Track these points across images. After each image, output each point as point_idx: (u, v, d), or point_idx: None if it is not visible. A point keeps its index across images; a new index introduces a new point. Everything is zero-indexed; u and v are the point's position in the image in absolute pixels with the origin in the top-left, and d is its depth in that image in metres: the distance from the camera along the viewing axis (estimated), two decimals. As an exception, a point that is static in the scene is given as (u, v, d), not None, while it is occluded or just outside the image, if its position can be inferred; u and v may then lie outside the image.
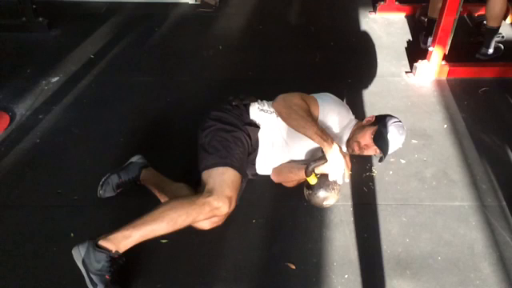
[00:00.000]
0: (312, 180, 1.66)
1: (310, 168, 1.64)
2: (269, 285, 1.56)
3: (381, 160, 1.76)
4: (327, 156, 1.60)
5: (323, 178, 1.67)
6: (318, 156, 1.67)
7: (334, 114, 1.79)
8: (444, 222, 1.77)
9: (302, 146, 1.80)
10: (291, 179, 1.82)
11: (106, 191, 1.80)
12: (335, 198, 1.70)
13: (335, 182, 1.65)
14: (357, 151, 1.77)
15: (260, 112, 1.80)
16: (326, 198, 1.67)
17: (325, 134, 1.62)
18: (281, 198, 1.86)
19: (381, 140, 1.71)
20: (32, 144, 2.11)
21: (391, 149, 1.75)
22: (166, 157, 2.03)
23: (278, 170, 1.85)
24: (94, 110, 2.35)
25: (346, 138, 1.81)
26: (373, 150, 1.75)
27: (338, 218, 1.78)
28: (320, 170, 1.67)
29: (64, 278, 1.55)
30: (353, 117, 1.89)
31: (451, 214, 1.81)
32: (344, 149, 1.79)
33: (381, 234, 1.72)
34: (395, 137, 1.73)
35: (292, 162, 1.84)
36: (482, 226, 1.75)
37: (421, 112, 2.37)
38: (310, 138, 1.63)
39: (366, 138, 1.73)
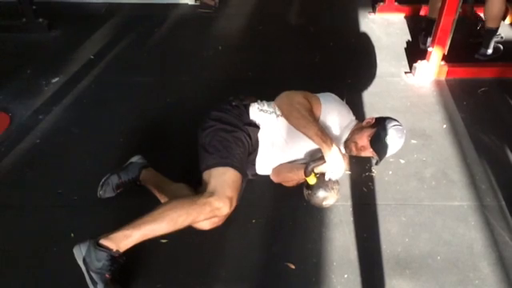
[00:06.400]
0: (311, 180, 1.67)
1: (309, 168, 1.64)
2: (269, 285, 1.56)
3: (377, 163, 1.76)
4: (326, 157, 1.60)
5: (322, 178, 1.67)
6: (317, 156, 1.68)
7: (335, 114, 1.79)
8: (443, 222, 1.77)
9: (302, 147, 1.80)
10: (291, 179, 1.82)
11: (105, 192, 1.80)
12: (335, 198, 1.70)
13: (335, 182, 1.66)
14: (354, 152, 1.78)
15: (260, 112, 1.80)
16: (326, 197, 1.68)
17: (325, 135, 1.62)
18: (280, 198, 1.87)
19: (377, 143, 1.71)
20: (32, 144, 2.11)
21: (389, 152, 1.75)
22: (165, 157, 2.04)
23: (278, 169, 1.85)
24: (93, 111, 2.35)
25: (345, 138, 1.82)
26: (370, 152, 1.75)
27: (337, 218, 1.78)
28: (319, 170, 1.67)
29: (64, 278, 1.55)
30: (353, 117, 1.90)
31: (450, 213, 1.81)
32: (342, 149, 1.80)
33: (380, 233, 1.72)
34: (394, 140, 1.73)
35: (292, 162, 1.84)
36: (481, 226, 1.76)
37: (420, 112, 2.37)
38: (309, 137, 1.63)
39: (364, 139, 1.73)
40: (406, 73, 2.68)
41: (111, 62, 2.75)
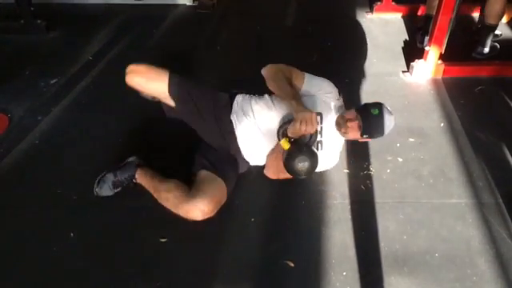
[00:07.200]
0: (285, 145, 1.66)
1: (281, 131, 1.68)
2: (268, 283, 1.57)
3: (362, 134, 1.74)
4: (294, 114, 1.64)
5: (297, 142, 1.67)
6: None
7: (318, 83, 1.89)
8: (441, 219, 1.78)
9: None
10: (277, 165, 1.79)
11: (102, 189, 1.81)
12: (310, 162, 1.63)
13: (309, 146, 1.66)
14: (342, 128, 1.78)
15: (250, 98, 1.90)
16: (300, 160, 1.61)
17: (297, 96, 1.72)
18: (279, 197, 1.88)
19: (364, 111, 1.75)
20: (31, 145, 2.12)
21: (378, 128, 1.75)
22: (164, 157, 2.04)
23: (266, 162, 1.87)
24: (92, 111, 2.36)
25: (332, 115, 1.85)
26: (356, 126, 1.73)
27: (336, 216, 1.79)
28: (291, 131, 1.67)
29: (64, 278, 1.56)
30: (341, 100, 1.94)
31: (448, 211, 1.82)
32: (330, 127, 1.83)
33: (378, 231, 1.73)
34: (382, 115, 1.75)
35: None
36: (478, 223, 1.77)
37: (418, 111, 2.38)
38: (283, 99, 1.72)
39: (352, 112, 1.78)
40: (403, 72, 2.70)
41: (110, 62, 2.76)
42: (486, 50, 2.75)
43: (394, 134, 2.18)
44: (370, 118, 1.73)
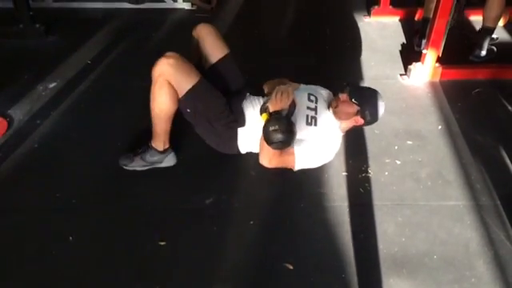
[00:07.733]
0: (265, 117, 1.78)
1: (263, 107, 1.83)
2: (267, 285, 1.57)
3: (351, 98, 1.85)
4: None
5: (275, 115, 1.76)
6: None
7: (314, 86, 2.15)
8: (439, 222, 1.79)
9: None
10: (267, 148, 1.82)
11: (122, 159, 1.97)
12: (284, 128, 1.70)
13: (285, 118, 1.75)
14: (337, 103, 1.92)
15: (256, 97, 2.04)
16: (275, 129, 1.69)
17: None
18: (278, 199, 1.88)
19: (353, 85, 1.93)
20: (30, 149, 2.12)
21: (363, 95, 1.89)
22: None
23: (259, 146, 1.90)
24: (91, 115, 2.36)
25: (323, 101, 2.03)
26: (347, 99, 1.86)
27: (334, 219, 1.80)
28: (271, 105, 1.79)
29: (63, 282, 1.56)
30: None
31: (446, 213, 1.83)
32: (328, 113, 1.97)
33: (377, 233, 1.74)
34: (371, 90, 1.92)
35: None
36: (476, 225, 1.77)
37: (415, 114, 2.39)
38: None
39: (343, 91, 1.89)
40: (401, 75, 2.71)
41: (108, 66, 2.77)
42: (483, 52, 2.77)
43: (392, 137, 2.20)
44: (358, 87, 2.00)
